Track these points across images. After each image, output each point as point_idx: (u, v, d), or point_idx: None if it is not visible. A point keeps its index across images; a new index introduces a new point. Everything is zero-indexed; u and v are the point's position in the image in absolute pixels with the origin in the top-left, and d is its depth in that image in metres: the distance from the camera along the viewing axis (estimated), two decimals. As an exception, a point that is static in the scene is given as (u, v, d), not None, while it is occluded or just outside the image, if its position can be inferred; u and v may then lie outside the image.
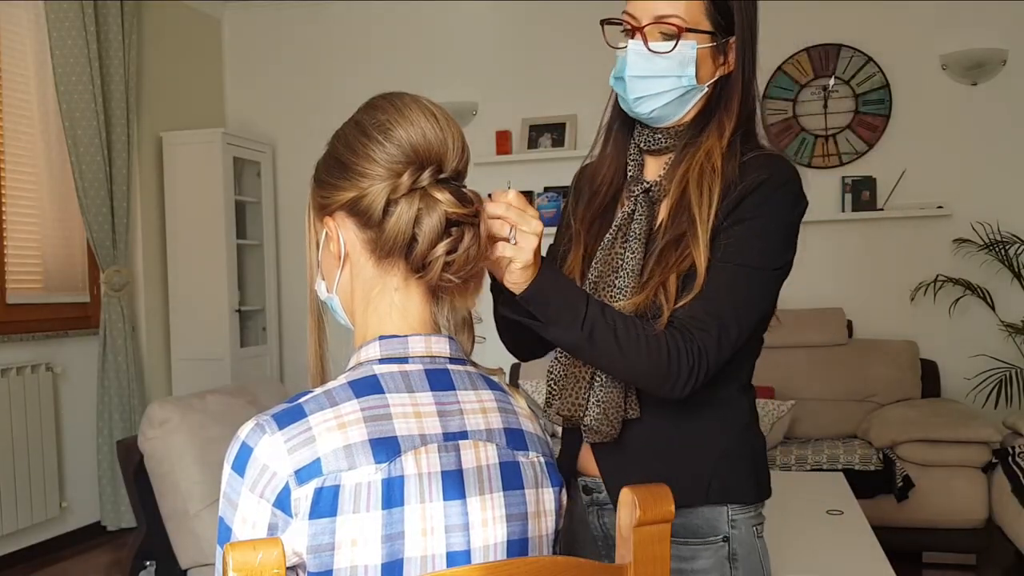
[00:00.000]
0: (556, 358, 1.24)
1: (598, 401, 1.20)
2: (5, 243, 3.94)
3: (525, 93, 5.04)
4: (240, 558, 0.68)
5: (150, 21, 4.86)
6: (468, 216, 0.90)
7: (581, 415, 1.21)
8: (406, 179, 0.88)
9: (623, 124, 1.30)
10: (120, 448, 2.57)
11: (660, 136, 1.25)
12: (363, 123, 0.92)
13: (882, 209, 4.50)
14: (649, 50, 1.18)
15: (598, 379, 1.21)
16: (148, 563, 2.46)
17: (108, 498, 4.31)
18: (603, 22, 1.27)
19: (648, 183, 1.25)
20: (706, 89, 1.22)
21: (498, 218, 0.99)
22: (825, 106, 4.62)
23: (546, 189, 4.98)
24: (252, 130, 5.37)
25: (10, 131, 4.02)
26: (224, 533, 0.84)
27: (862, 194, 4.51)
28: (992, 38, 4.37)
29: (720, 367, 1.13)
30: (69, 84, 4.17)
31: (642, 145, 1.27)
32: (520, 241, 1.00)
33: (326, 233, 0.95)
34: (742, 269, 1.13)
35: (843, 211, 4.56)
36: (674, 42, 1.17)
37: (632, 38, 1.20)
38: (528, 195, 4.99)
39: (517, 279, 1.04)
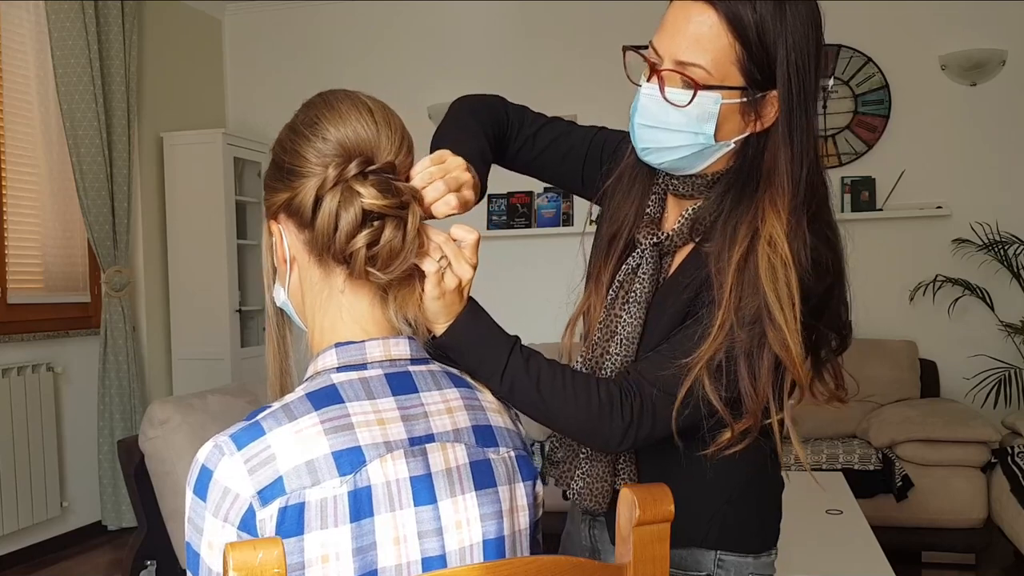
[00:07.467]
0: None
1: (583, 474, 1.14)
2: (6, 243, 3.95)
3: (525, 93, 4.97)
4: (240, 558, 0.68)
5: (151, 21, 4.87)
6: (390, 208, 0.86)
7: (568, 485, 1.16)
8: (331, 172, 0.85)
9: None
10: (121, 448, 2.57)
11: (682, 185, 1.10)
12: (295, 122, 0.91)
13: (881, 209, 4.51)
14: (664, 98, 1.01)
15: (583, 450, 1.13)
16: (149, 563, 2.46)
17: (109, 498, 4.32)
18: (625, 49, 1.09)
19: (660, 235, 1.12)
20: (732, 145, 1.05)
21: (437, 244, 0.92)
22: (824, 106, 4.61)
23: (546, 189, 4.98)
24: (252, 130, 5.37)
25: (11, 131, 4.02)
26: (192, 559, 0.81)
27: (861, 194, 4.52)
28: (991, 38, 4.37)
29: (688, 426, 1.02)
30: (70, 84, 4.17)
31: (667, 188, 1.14)
32: (445, 277, 0.92)
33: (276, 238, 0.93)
34: (736, 354, 1.01)
35: (842, 211, 4.55)
36: (691, 94, 1.00)
37: (649, 80, 1.04)
38: (528, 195, 4.99)
39: (432, 312, 0.94)
